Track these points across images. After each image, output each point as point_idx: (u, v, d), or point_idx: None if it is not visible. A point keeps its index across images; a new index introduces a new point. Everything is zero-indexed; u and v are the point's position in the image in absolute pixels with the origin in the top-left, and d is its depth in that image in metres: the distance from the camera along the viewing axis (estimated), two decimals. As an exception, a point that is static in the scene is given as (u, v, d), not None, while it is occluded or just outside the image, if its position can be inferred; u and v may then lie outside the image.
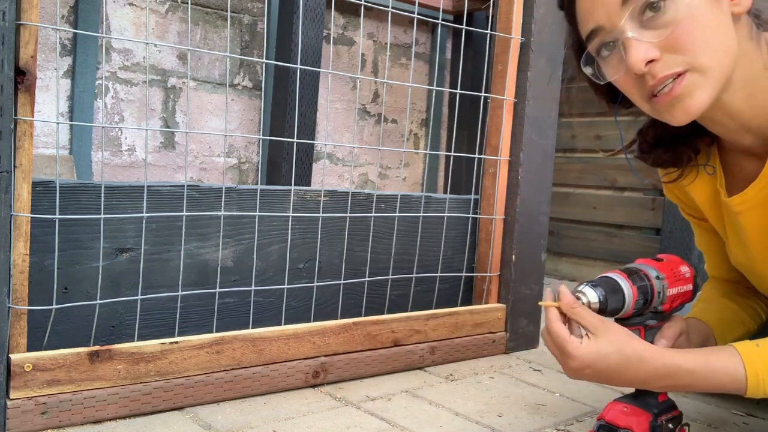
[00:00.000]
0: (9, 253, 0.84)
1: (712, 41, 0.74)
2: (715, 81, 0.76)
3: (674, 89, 0.75)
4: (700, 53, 0.74)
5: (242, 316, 1.15)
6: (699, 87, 0.75)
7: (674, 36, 0.74)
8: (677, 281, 0.87)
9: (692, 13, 0.73)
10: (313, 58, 1.72)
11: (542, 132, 1.41)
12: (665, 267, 0.86)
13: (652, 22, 0.74)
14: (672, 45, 0.74)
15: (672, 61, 0.75)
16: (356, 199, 1.27)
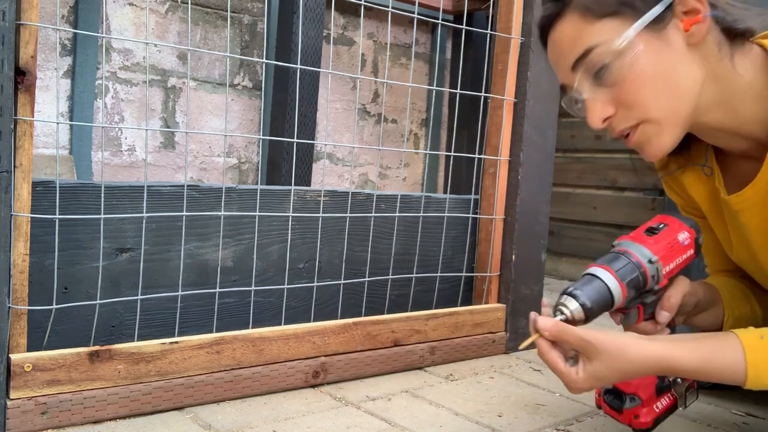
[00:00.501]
0: (9, 253, 0.84)
1: (660, 92, 0.77)
2: (671, 126, 0.79)
3: (631, 138, 0.80)
4: (649, 108, 0.78)
5: (242, 316, 1.15)
6: (655, 135, 0.79)
7: (622, 94, 0.77)
8: (674, 253, 0.83)
9: (635, 70, 0.76)
10: (313, 58, 1.72)
11: (542, 132, 1.41)
12: (661, 242, 0.82)
13: (602, 81, 0.78)
14: (622, 102, 0.78)
15: (625, 116, 0.79)
16: (356, 199, 1.27)
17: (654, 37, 0.76)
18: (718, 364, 0.76)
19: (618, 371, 0.76)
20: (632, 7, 0.76)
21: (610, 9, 0.77)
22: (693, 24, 0.76)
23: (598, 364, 0.76)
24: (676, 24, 0.77)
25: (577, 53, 0.79)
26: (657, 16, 0.76)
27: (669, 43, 0.77)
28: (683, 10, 0.77)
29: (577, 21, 0.79)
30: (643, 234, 0.84)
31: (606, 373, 0.76)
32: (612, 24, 0.77)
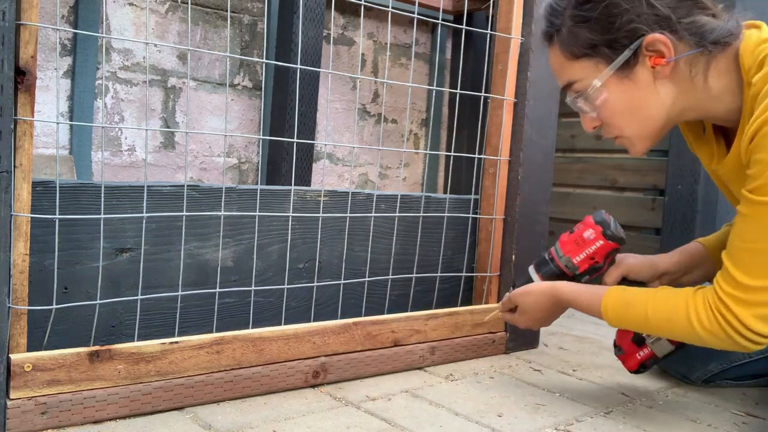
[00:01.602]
0: (9, 253, 0.84)
1: (629, 121, 0.94)
2: (643, 140, 0.96)
3: (616, 142, 0.99)
4: (622, 128, 0.95)
5: (242, 316, 1.15)
6: (630, 146, 0.98)
7: (600, 117, 0.96)
8: (581, 247, 1.08)
9: (607, 105, 0.93)
10: (313, 58, 1.72)
11: (542, 132, 1.41)
12: (569, 242, 1.09)
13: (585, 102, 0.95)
14: (602, 120, 0.96)
15: (607, 130, 0.98)
16: (356, 199, 1.27)
17: (622, 78, 0.91)
18: (584, 296, 1.03)
19: (531, 304, 1.10)
20: (602, 53, 0.91)
21: (583, 52, 0.92)
22: (658, 64, 0.89)
23: (521, 305, 1.12)
24: (643, 62, 0.90)
25: (564, 81, 0.97)
26: (625, 60, 0.90)
27: (636, 81, 0.91)
28: (650, 49, 0.89)
29: (560, 54, 0.95)
30: (565, 233, 1.11)
31: (526, 307, 1.11)
32: (586, 64, 0.93)
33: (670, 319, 0.94)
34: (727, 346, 0.91)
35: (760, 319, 0.86)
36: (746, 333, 0.87)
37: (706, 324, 0.90)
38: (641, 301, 0.97)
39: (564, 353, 1.44)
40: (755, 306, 0.86)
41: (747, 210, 0.86)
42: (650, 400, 1.16)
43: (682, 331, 0.93)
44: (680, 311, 0.93)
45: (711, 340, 0.91)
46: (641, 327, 0.98)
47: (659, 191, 2.10)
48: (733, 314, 0.87)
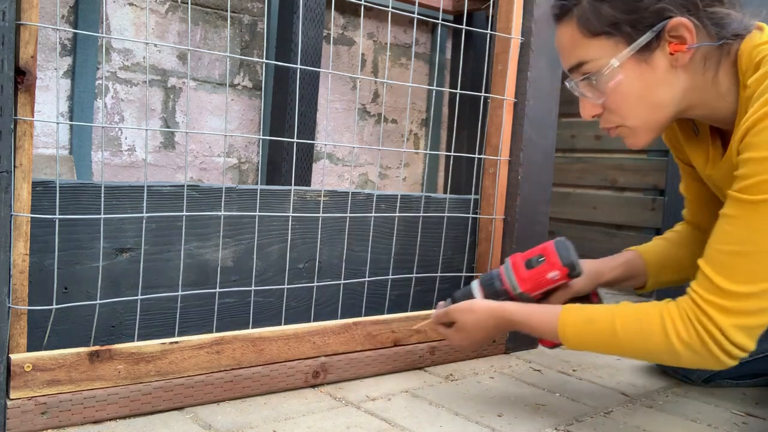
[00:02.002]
0: (9, 253, 0.84)
1: (638, 109, 0.90)
2: (645, 132, 0.92)
3: (612, 133, 0.94)
4: (627, 117, 0.91)
5: (242, 316, 1.15)
6: (631, 136, 0.93)
7: (607, 103, 0.90)
8: (542, 285, 1.03)
9: (618, 89, 0.88)
10: (313, 58, 1.72)
11: (542, 132, 1.41)
12: (530, 279, 1.03)
13: (591, 87, 0.90)
14: (607, 107, 0.91)
15: (608, 118, 0.92)
16: (356, 199, 1.27)
17: (639, 62, 0.87)
18: (536, 316, 0.98)
19: (471, 322, 1.02)
20: (624, 32, 0.86)
21: (604, 30, 0.87)
22: (678, 51, 0.85)
23: (459, 321, 1.04)
24: (663, 47, 0.86)
25: (573, 62, 0.91)
26: (646, 42, 0.85)
27: (653, 66, 0.87)
28: (672, 34, 0.85)
29: (576, 31, 0.89)
30: (522, 265, 1.04)
31: (465, 324, 1.03)
32: (604, 43, 0.87)
33: (642, 330, 0.88)
34: (701, 362, 0.86)
35: (743, 331, 0.82)
36: (726, 346, 0.82)
37: (684, 336, 0.85)
38: (606, 315, 0.92)
39: (564, 353, 1.44)
40: (739, 315, 0.82)
41: (734, 211, 0.83)
42: (650, 400, 1.16)
43: (656, 345, 0.87)
44: (654, 323, 0.87)
45: (686, 355, 0.86)
46: (607, 344, 0.92)
47: (659, 191, 2.10)
48: (714, 324, 0.82)
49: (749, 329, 0.82)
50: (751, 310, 0.81)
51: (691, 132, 1.05)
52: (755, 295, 0.81)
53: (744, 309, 0.81)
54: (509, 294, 1.04)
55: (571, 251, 1.02)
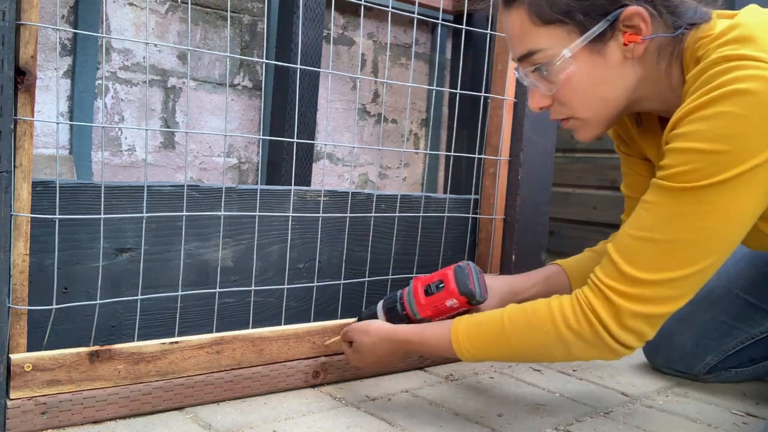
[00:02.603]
0: (9, 253, 0.84)
1: (589, 101, 0.86)
2: (596, 124, 0.89)
3: (563, 125, 0.92)
4: (578, 109, 0.88)
5: (242, 316, 1.15)
6: (582, 129, 0.90)
7: (557, 95, 0.87)
8: (441, 313, 1.00)
9: (569, 81, 0.85)
10: (313, 58, 1.72)
11: (542, 132, 1.41)
12: (429, 306, 1.00)
13: (542, 78, 0.87)
14: (557, 99, 0.88)
15: (558, 110, 0.90)
16: (356, 199, 1.27)
17: (592, 52, 0.83)
18: (429, 333, 0.95)
19: (367, 344, 1.00)
20: (577, 21, 0.82)
21: (556, 18, 0.82)
22: (633, 41, 0.82)
23: (356, 342, 1.02)
24: (617, 38, 0.83)
25: (523, 51, 0.87)
26: (600, 32, 0.82)
27: (606, 57, 0.84)
28: (627, 24, 0.82)
29: (526, 18, 0.84)
30: (421, 291, 1.01)
31: (361, 346, 1.01)
32: (556, 32, 0.83)
33: (529, 323, 0.85)
34: (594, 352, 0.83)
35: (641, 319, 0.80)
36: (618, 333, 0.80)
37: (572, 323, 0.82)
38: (495, 315, 0.89)
39: (564, 353, 1.44)
40: (639, 302, 0.79)
41: (653, 198, 0.81)
42: (650, 400, 1.16)
43: (544, 335, 0.84)
44: (541, 312, 0.85)
45: (577, 345, 0.83)
46: (499, 344, 0.88)
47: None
48: (608, 310, 0.80)
49: (649, 318, 0.81)
50: (652, 298, 0.80)
51: (635, 124, 1.03)
52: (658, 284, 0.79)
53: (645, 296, 0.79)
54: (410, 319, 1.01)
55: (469, 279, 0.98)
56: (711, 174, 0.76)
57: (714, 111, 0.75)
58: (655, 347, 1.33)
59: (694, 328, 1.27)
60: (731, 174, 0.75)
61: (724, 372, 1.27)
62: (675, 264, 0.79)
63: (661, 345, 1.31)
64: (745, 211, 0.78)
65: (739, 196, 0.76)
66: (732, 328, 1.25)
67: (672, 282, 0.79)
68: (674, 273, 0.79)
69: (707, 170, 0.76)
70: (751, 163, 0.75)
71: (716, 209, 0.77)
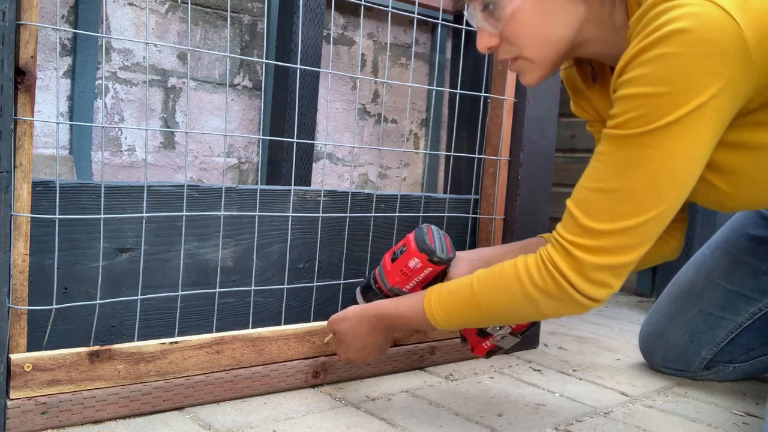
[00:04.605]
0: (9, 253, 0.84)
1: (535, 37, 0.87)
2: (542, 65, 0.89)
3: (511, 67, 0.92)
4: (524, 47, 0.88)
5: (242, 316, 1.15)
6: (528, 70, 0.90)
7: (504, 32, 0.88)
8: (409, 277, 0.99)
9: (516, 16, 0.86)
10: (313, 58, 1.72)
11: (542, 132, 1.41)
12: (395, 272, 0.99)
13: (489, 16, 0.87)
14: (504, 37, 0.88)
15: (506, 49, 0.90)
16: (356, 199, 1.27)
17: None
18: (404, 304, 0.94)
19: (348, 330, 1.00)
20: None
21: None
22: None
23: (337, 332, 1.02)
24: None
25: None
26: None
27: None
28: None
29: None
30: (389, 259, 1.00)
31: (343, 335, 1.00)
32: None
33: (497, 285, 0.85)
34: (563, 308, 0.82)
35: (606, 270, 0.79)
36: (582, 286, 0.79)
37: (537, 280, 0.81)
38: (465, 281, 0.89)
39: (564, 353, 1.44)
40: (601, 253, 0.79)
41: (604, 148, 0.80)
42: (650, 400, 1.16)
43: (511, 296, 0.84)
44: (507, 273, 0.84)
45: (545, 302, 0.82)
46: (470, 309, 0.88)
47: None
48: (570, 265, 0.80)
49: (613, 268, 0.80)
50: (613, 247, 0.79)
51: (589, 78, 1.02)
52: (616, 233, 0.78)
53: (604, 247, 0.79)
54: (384, 291, 1.00)
55: (428, 236, 0.97)
56: (657, 117, 0.75)
57: (654, 54, 0.74)
58: (652, 348, 1.33)
59: (684, 324, 1.28)
60: (677, 115, 0.74)
61: (722, 368, 1.27)
62: (631, 212, 0.78)
63: (657, 345, 1.32)
64: (696, 152, 0.77)
65: (688, 137, 0.75)
66: (719, 318, 1.26)
67: (629, 230, 0.78)
68: (631, 221, 0.78)
69: (653, 114, 0.75)
70: (695, 102, 0.74)
71: (666, 153, 0.76)
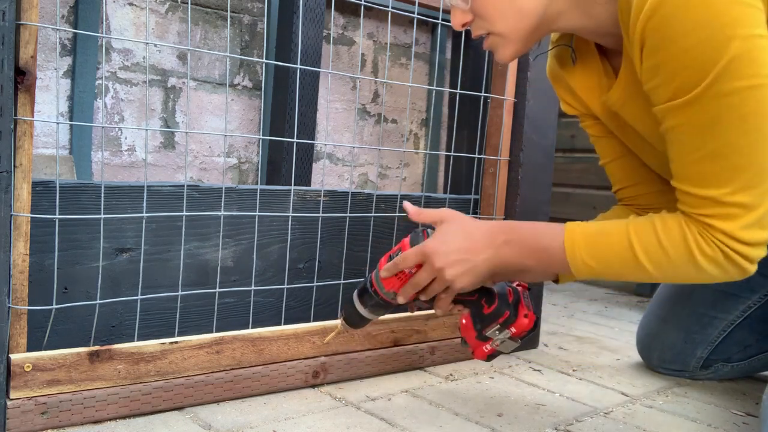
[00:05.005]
0: (9, 253, 0.84)
1: (505, 12, 0.85)
2: (514, 40, 0.87)
3: (485, 44, 0.90)
4: (495, 22, 0.86)
5: (242, 316, 1.15)
6: (501, 46, 0.88)
7: (474, 7, 0.86)
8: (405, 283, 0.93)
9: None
10: (313, 58, 1.72)
11: (542, 132, 1.41)
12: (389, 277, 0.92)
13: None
14: (475, 12, 0.87)
15: (478, 25, 0.88)
16: (356, 199, 1.27)
17: None
18: (542, 226, 0.87)
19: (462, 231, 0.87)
20: None
21: None
22: None
23: (447, 225, 0.89)
24: None
25: None
26: None
27: None
28: None
29: None
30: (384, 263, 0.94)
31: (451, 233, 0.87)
32: None
33: (661, 244, 0.79)
34: (726, 274, 0.79)
35: (752, 228, 0.75)
36: (743, 249, 0.76)
37: (708, 251, 0.77)
38: (618, 225, 0.82)
39: (564, 353, 1.44)
40: (738, 216, 0.75)
41: (676, 120, 0.76)
42: (650, 400, 1.16)
43: (678, 258, 0.79)
44: (675, 236, 0.79)
45: (711, 270, 0.78)
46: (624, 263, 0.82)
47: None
48: (725, 234, 0.76)
49: (756, 222, 0.76)
50: (747, 203, 0.75)
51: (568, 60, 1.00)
52: (742, 189, 0.75)
53: (740, 207, 0.75)
54: (380, 296, 0.95)
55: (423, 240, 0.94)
56: (715, 60, 0.70)
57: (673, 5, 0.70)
58: (649, 350, 1.34)
59: (678, 325, 1.29)
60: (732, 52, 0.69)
61: (720, 367, 1.27)
62: (744, 160, 0.74)
63: (653, 347, 1.32)
64: None
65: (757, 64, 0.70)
66: (711, 318, 1.27)
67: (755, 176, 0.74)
68: (750, 168, 0.74)
69: (706, 64, 0.70)
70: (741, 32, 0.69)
71: (742, 94, 0.72)
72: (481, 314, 0.95)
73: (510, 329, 0.94)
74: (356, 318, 0.97)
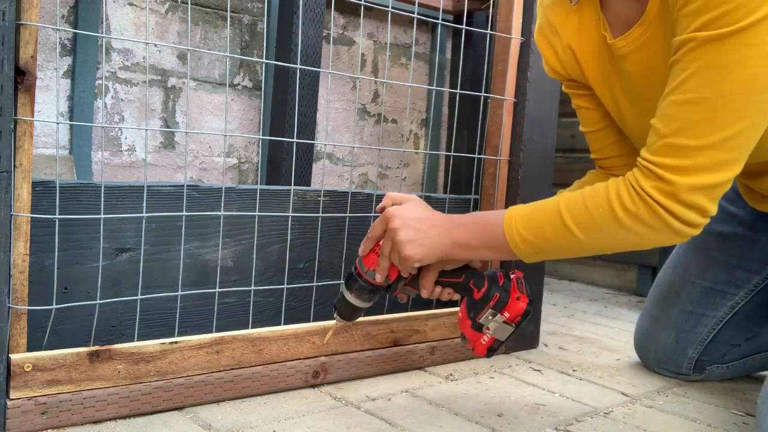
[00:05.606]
0: (9, 253, 0.84)
1: None
2: None
3: None
4: None
5: (242, 316, 1.15)
6: None
7: None
8: None
9: None
10: (313, 58, 1.72)
11: (542, 132, 1.41)
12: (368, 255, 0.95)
13: None
14: None
15: None
16: (356, 199, 1.27)
17: None
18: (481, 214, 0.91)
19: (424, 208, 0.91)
20: None
21: None
22: None
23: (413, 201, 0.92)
24: None
25: None
26: None
27: None
28: None
29: None
30: None
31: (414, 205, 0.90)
32: None
33: (586, 206, 0.78)
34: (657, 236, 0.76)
35: (701, 191, 0.72)
36: (679, 211, 0.73)
37: (628, 205, 0.75)
38: (549, 202, 0.83)
39: (564, 353, 1.44)
40: (695, 173, 0.71)
41: (692, 55, 0.70)
42: (650, 400, 1.16)
43: (601, 218, 0.77)
44: (598, 195, 0.78)
45: (637, 229, 0.75)
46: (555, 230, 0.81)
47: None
48: (661, 190, 0.73)
49: (708, 189, 0.73)
50: (709, 164, 0.71)
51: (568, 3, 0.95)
52: (712, 148, 0.71)
53: (700, 165, 0.71)
54: (363, 277, 0.95)
55: None
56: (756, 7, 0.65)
57: None
58: (645, 350, 1.34)
59: (669, 325, 1.29)
60: None
61: (715, 369, 1.27)
62: (726, 121, 0.70)
63: (649, 348, 1.33)
64: None
65: None
66: (700, 315, 1.27)
67: (726, 142, 0.70)
68: (726, 131, 0.70)
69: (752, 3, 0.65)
70: None
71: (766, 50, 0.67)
72: (473, 300, 0.95)
73: (503, 314, 0.94)
74: (347, 307, 0.98)
